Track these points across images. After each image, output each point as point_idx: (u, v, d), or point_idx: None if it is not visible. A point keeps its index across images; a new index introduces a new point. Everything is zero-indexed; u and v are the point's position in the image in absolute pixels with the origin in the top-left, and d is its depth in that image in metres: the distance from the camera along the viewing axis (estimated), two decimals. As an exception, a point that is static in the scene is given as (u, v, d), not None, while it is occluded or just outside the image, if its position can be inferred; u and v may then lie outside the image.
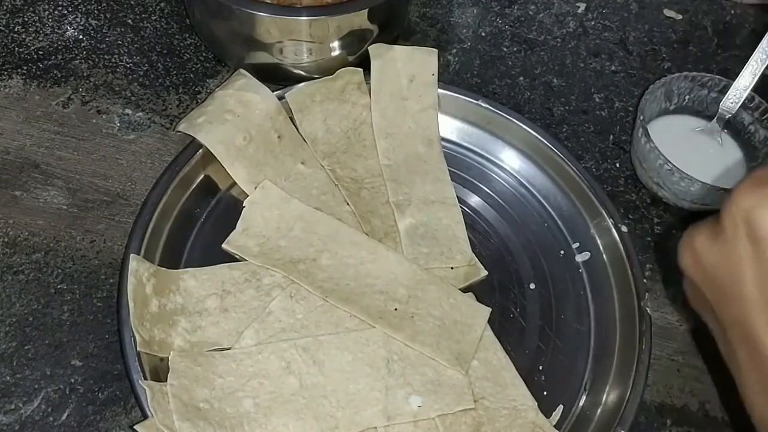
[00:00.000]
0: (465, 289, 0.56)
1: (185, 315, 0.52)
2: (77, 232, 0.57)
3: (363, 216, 0.58)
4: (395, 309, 0.53)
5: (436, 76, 0.63)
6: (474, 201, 0.61)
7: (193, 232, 0.57)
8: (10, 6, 0.68)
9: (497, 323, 0.55)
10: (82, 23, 0.68)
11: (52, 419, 0.49)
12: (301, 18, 0.59)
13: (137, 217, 0.55)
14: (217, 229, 0.57)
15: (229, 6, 0.58)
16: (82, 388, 0.51)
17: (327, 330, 0.52)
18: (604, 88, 0.70)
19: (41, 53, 0.65)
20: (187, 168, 0.57)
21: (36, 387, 0.50)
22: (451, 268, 0.56)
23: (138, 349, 0.49)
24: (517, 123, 0.62)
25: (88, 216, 0.57)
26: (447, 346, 0.52)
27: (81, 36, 0.67)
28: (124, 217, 0.57)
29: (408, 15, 0.71)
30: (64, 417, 0.49)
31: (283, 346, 0.51)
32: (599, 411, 0.52)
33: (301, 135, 0.61)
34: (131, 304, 0.49)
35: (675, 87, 0.65)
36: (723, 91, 0.64)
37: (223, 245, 0.55)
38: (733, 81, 0.63)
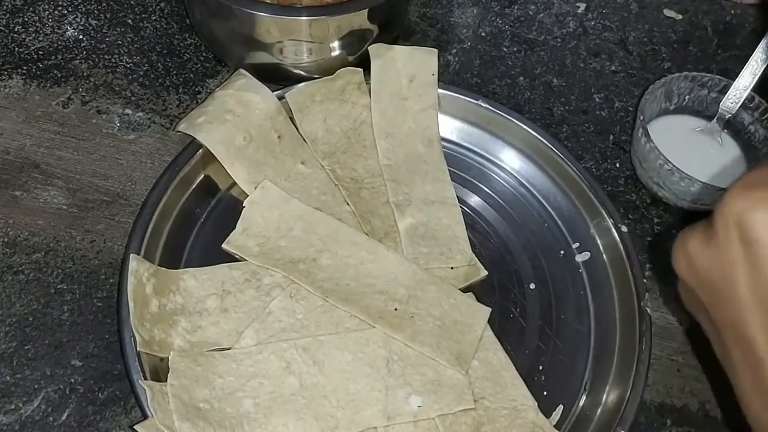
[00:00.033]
0: (465, 289, 0.56)
1: (185, 315, 0.52)
2: (77, 232, 0.57)
3: (363, 216, 0.58)
4: (395, 309, 0.53)
5: (436, 76, 0.63)
6: (474, 201, 0.61)
7: (193, 232, 0.57)
8: (10, 6, 0.68)
9: (497, 323, 0.55)
10: (82, 23, 0.68)
11: (52, 419, 0.49)
12: (301, 18, 0.59)
13: (137, 217, 0.55)
14: (217, 229, 0.57)
15: (229, 6, 0.58)
16: (82, 388, 0.51)
17: (327, 330, 0.52)
18: (604, 88, 0.70)
19: (41, 53, 0.65)
20: (187, 168, 0.57)
21: (36, 387, 0.50)
22: (451, 268, 0.56)
23: (138, 349, 0.49)
24: (517, 123, 0.62)
25: (88, 216, 0.57)
26: (447, 346, 0.52)
27: (81, 36, 0.67)
28: (124, 217, 0.57)
29: (408, 15, 0.71)
30: (64, 417, 0.49)
31: (283, 346, 0.51)
32: (599, 411, 0.52)
33: (301, 135, 0.61)
34: (131, 304, 0.49)
35: (675, 87, 0.65)
36: (723, 91, 0.64)
37: (223, 245, 0.55)
38: (733, 81, 0.63)
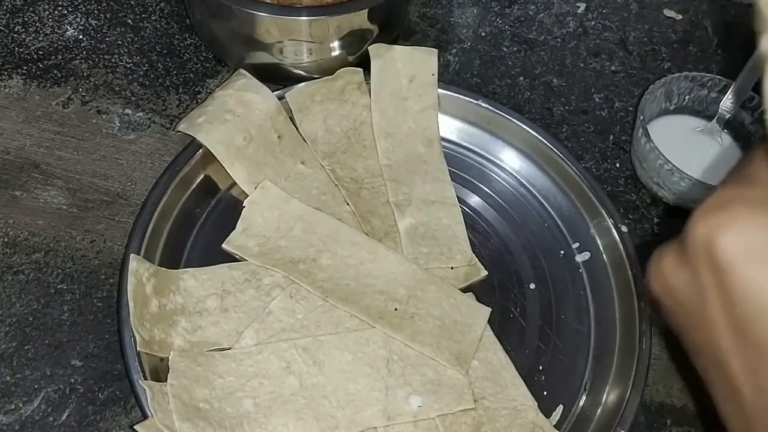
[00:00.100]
0: (465, 289, 0.56)
1: (185, 315, 0.52)
2: (77, 232, 0.57)
3: (363, 216, 0.58)
4: (395, 309, 0.53)
5: (436, 76, 0.63)
6: (474, 201, 0.61)
7: (193, 232, 0.57)
8: (10, 6, 0.68)
9: (497, 323, 0.55)
10: (82, 23, 0.68)
11: (52, 419, 0.49)
12: (301, 18, 0.59)
13: (137, 217, 0.55)
14: (217, 229, 0.57)
15: (229, 6, 0.58)
16: (82, 388, 0.51)
17: (327, 330, 0.52)
18: (604, 88, 0.70)
19: (41, 53, 0.65)
20: (187, 168, 0.57)
21: (36, 387, 0.50)
22: (451, 268, 0.56)
23: (138, 349, 0.49)
24: (517, 123, 0.62)
25: (88, 216, 0.57)
26: (447, 346, 0.52)
27: (81, 36, 0.67)
28: (124, 217, 0.57)
29: (408, 15, 0.71)
30: (64, 417, 0.49)
31: (283, 346, 0.51)
32: (599, 411, 0.52)
33: (301, 135, 0.61)
34: (131, 304, 0.49)
35: (675, 87, 0.65)
36: (723, 91, 0.64)
37: (223, 245, 0.55)
38: (733, 81, 0.63)
